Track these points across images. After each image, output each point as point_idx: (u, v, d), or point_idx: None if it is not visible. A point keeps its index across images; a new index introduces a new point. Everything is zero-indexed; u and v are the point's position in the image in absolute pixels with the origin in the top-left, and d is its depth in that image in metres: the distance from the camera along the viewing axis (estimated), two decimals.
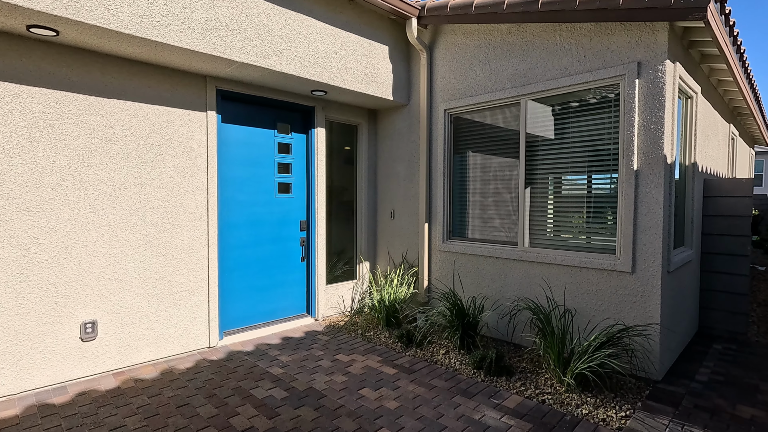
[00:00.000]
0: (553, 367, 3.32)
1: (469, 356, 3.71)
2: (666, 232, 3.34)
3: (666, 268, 3.37)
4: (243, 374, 3.54)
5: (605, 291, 3.57)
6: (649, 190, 3.33)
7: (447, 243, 4.78)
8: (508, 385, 3.33)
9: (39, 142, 3.14)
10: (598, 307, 3.61)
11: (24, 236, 3.10)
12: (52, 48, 3.17)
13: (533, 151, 4.03)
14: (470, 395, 3.17)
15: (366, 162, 5.52)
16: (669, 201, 3.38)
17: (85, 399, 3.08)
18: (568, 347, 3.45)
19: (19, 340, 3.10)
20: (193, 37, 3.31)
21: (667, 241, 3.38)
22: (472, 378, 3.46)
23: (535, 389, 3.24)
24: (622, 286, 3.48)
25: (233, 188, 4.34)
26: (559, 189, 3.90)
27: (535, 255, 3.97)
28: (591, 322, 3.66)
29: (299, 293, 4.97)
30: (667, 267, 3.40)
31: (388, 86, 4.88)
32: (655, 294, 3.32)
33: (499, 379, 3.42)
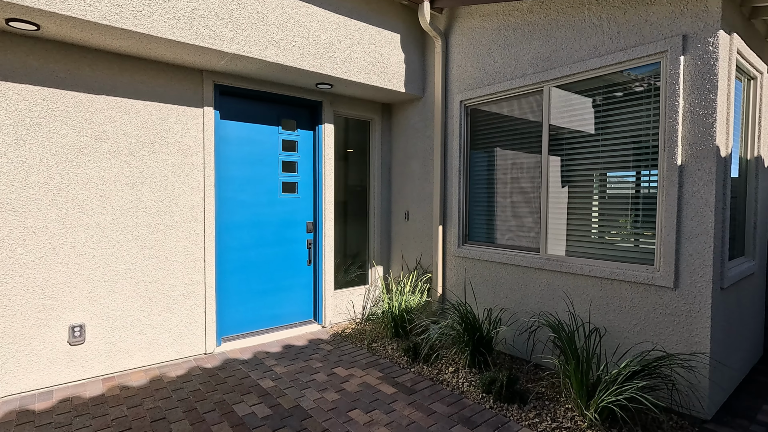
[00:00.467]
0: (575, 397, 2.83)
1: (479, 377, 3.28)
2: (719, 239, 2.76)
3: (718, 283, 2.79)
4: (232, 386, 3.32)
5: (641, 309, 3.02)
6: (697, 189, 2.76)
7: (462, 248, 4.35)
8: (520, 414, 2.88)
9: (25, 141, 3.06)
10: (632, 328, 3.07)
11: (9, 237, 3.03)
12: (38, 44, 3.09)
13: (558, 146, 3.53)
14: (473, 425, 2.75)
15: (379, 160, 5.18)
16: (723, 202, 2.79)
17: (65, 407, 2.96)
18: (594, 374, 2.95)
19: (5, 343, 3.04)
20: (178, 27, 3.12)
21: (720, 250, 2.80)
22: (480, 403, 3.04)
23: (552, 422, 2.77)
24: (661, 304, 2.92)
25: (234, 188, 4.14)
26: (589, 188, 3.37)
27: (559, 263, 3.47)
28: (623, 344, 3.12)
29: (305, 298, 4.72)
30: (720, 282, 2.81)
31: (399, 77, 4.52)
32: (703, 315, 2.74)
33: (510, 407, 2.97)
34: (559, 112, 3.52)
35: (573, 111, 3.43)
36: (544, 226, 3.63)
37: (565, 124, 3.48)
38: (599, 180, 3.31)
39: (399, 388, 3.29)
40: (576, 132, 3.41)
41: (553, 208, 3.58)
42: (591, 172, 3.34)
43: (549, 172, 3.60)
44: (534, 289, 3.69)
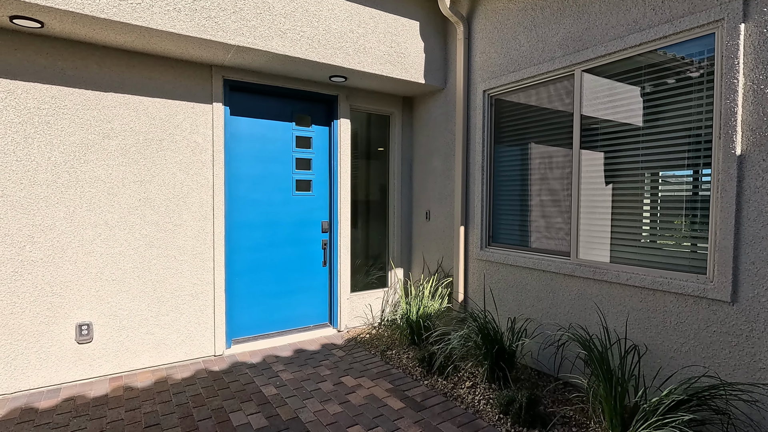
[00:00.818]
0: (607, 426, 2.44)
1: (497, 395, 2.94)
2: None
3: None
4: (233, 391, 3.18)
5: (689, 325, 2.57)
6: (762, 184, 2.29)
7: (485, 250, 4.00)
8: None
9: (34, 139, 3.07)
10: (678, 348, 2.62)
11: (18, 234, 3.05)
12: (46, 42, 3.09)
13: (591, 138, 3.12)
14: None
15: (399, 156, 4.92)
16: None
17: (68, 406, 2.93)
18: (631, 399, 2.53)
19: (14, 340, 3.06)
20: (179, 19, 3.02)
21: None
22: (495, 426, 2.70)
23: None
24: (715, 321, 2.46)
25: (245, 186, 4.03)
26: (626, 185, 2.94)
27: (592, 270, 3.05)
28: (666, 366, 2.67)
29: (320, 301, 4.54)
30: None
31: (418, 68, 4.23)
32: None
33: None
34: (591, 100, 3.10)
35: (607, 98, 3.01)
36: (575, 228, 3.22)
37: (599, 114, 3.06)
38: (638, 176, 2.87)
39: (408, 403, 3.01)
40: (611, 123, 2.99)
41: (586, 208, 3.16)
42: (628, 167, 2.91)
43: (581, 168, 3.19)
44: (563, 298, 3.29)
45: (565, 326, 3.27)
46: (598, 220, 3.10)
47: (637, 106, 2.85)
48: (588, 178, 3.15)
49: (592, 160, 3.12)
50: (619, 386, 2.45)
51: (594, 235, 3.12)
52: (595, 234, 3.12)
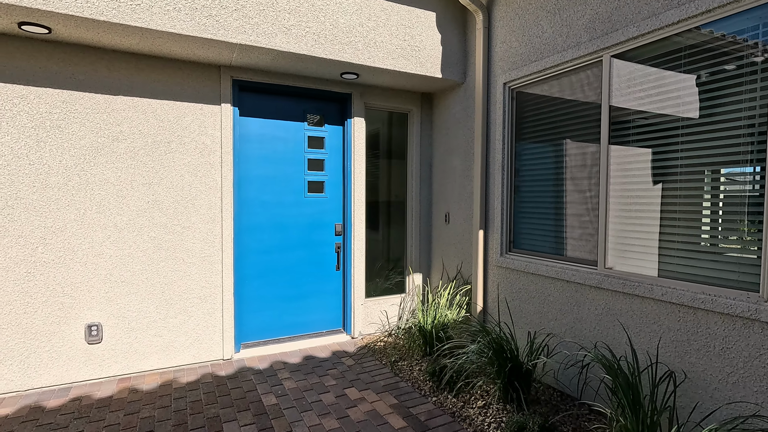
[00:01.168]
0: None
1: (509, 418, 2.65)
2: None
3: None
4: (234, 399, 3.10)
5: (738, 352, 2.16)
6: None
7: (506, 257, 3.68)
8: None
9: (46, 143, 3.14)
10: (724, 378, 2.21)
11: (31, 236, 3.13)
12: (58, 48, 3.15)
13: (622, 133, 2.74)
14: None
15: (418, 156, 4.68)
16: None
17: (73, 406, 2.97)
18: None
19: (27, 339, 3.14)
20: (179, 19, 2.97)
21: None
22: None
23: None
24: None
25: (255, 187, 3.96)
26: (664, 186, 2.55)
27: (621, 282, 2.68)
28: (708, 399, 2.27)
29: (333, 306, 4.39)
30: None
31: (435, 62, 3.98)
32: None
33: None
34: (622, 89, 2.73)
35: (642, 86, 2.63)
36: (603, 234, 2.85)
37: (631, 105, 2.68)
38: (679, 175, 2.47)
39: (410, 422, 2.79)
40: (646, 114, 2.60)
41: (616, 211, 2.79)
42: (668, 164, 2.51)
43: (610, 166, 2.82)
44: (589, 313, 2.93)
45: (590, 344, 2.91)
46: (629, 224, 2.72)
47: (682, 93, 2.46)
48: (618, 176, 2.78)
49: (624, 157, 2.75)
50: (651, 418, 2.11)
51: (624, 242, 2.75)
52: (625, 241, 2.74)
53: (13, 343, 3.10)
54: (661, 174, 2.54)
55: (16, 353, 3.11)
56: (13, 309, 3.09)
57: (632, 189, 2.70)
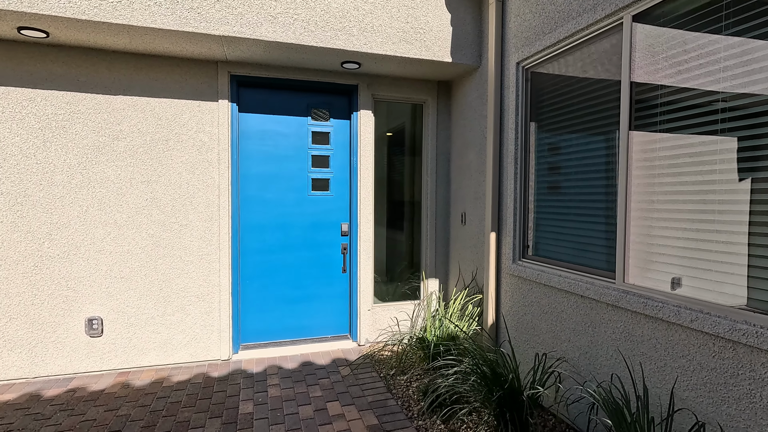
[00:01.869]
0: None
1: None
2: None
3: None
4: (212, 403, 2.99)
5: None
6: None
7: (519, 264, 3.18)
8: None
9: (51, 143, 3.29)
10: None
11: (39, 231, 3.29)
12: (63, 51, 3.28)
13: (648, 114, 2.17)
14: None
15: (434, 150, 4.29)
16: None
17: (66, 398, 3.05)
18: None
19: (35, 329, 3.31)
20: (159, 14, 2.93)
21: None
22: None
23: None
24: None
25: (256, 185, 3.87)
26: (708, 179, 1.96)
27: (642, 301, 2.12)
28: None
29: (339, 310, 4.16)
30: None
31: (443, 44, 3.58)
32: None
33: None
34: (648, 59, 2.16)
35: (669, 54, 2.04)
36: (622, 239, 2.29)
37: (659, 79, 2.11)
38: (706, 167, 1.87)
39: None
40: (676, 90, 2.02)
41: (639, 211, 2.22)
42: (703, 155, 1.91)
43: (632, 156, 2.25)
44: (605, 336, 2.37)
45: (605, 374, 2.36)
46: (657, 228, 2.14)
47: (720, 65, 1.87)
48: (644, 169, 2.20)
49: (651, 145, 2.17)
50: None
51: (649, 251, 2.17)
52: (651, 249, 2.16)
53: (22, 332, 3.28)
54: (698, 167, 1.95)
55: (24, 342, 3.29)
56: (22, 300, 3.27)
57: (660, 183, 2.12)
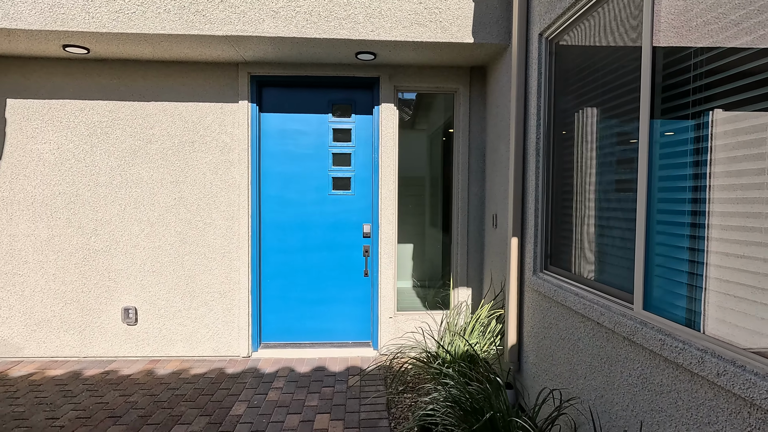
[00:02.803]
0: None
1: None
2: None
3: None
4: (210, 400, 3.03)
5: None
6: None
7: (539, 276, 2.65)
8: None
9: (97, 147, 3.66)
10: None
11: (87, 227, 3.68)
12: (106, 65, 3.63)
13: (674, 91, 1.58)
14: None
15: (466, 144, 3.84)
16: None
17: (98, 378, 3.36)
18: None
19: (84, 314, 3.71)
20: (168, 20, 3.04)
21: None
22: None
23: None
24: None
25: (277, 185, 3.86)
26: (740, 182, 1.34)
27: (660, 339, 1.54)
28: None
29: (361, 316, 3.96)
30: None
31: (463, 23, 3.16)
32: None
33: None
34: (675, 16, 1.56)
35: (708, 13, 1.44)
36: (641, 253, 1.71)
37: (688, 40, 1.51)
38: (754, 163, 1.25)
39: None
40: (710, 51, 1.42)
41: (666, 215, 1.63)
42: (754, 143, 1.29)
43: (654, 151, 1.66)
44: (621, 378, 1.80)
45: (620, 427, 1.78)
46: (686, 237, 1.54)
47: None
48: (666, 165, 1.61)
49: (678, 129, 1.58)
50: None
51: (676, 269, 1.58)
52: (677, 266, 1.57)
53: (74, 316, 3.70)
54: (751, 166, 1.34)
55: (75, 325, 3.71)
56: (74, 288, 3.69)
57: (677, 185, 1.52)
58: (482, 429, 1.91)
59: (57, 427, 2.66)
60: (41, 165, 3.62)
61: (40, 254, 3.66)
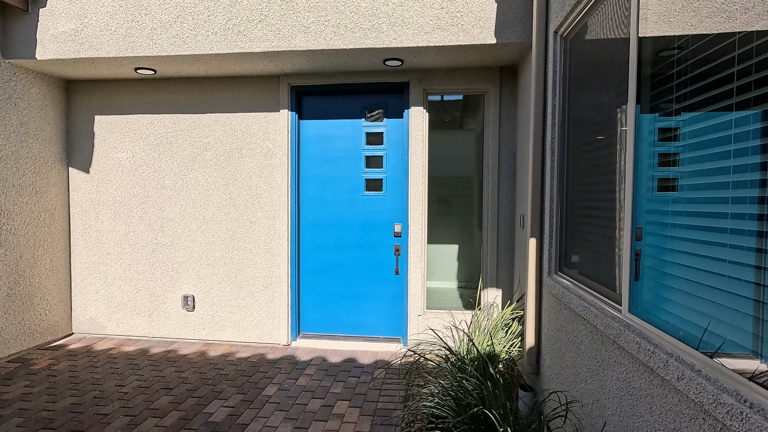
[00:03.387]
0: None
1: None
2: None
3: None
4: (248, 381, 3.36)
5: None
6: None
7: (553, 278, 2.60)
8: None
9: (163, 155, 4.20)
10: None
11: (155, 224, 4.25)
12: (171, 82, 4.16)
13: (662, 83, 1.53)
14: None
15: (496, 144, 3.82)
16: None
17: (160, 356, 3.87)
18: None
19: (152, 299, 4.28)
20: (215, 41, 3.44)
21: None
22: None
23: None
24: None
25: (314, 187, 4.14)
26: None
27: (637, 342, 1.50)
28: None
29: (392, 312, 4.10)
30: None
31: (485, 24, 3.18)
32: None
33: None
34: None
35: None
36: (627, 250, 1.66)
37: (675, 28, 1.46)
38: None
39: None
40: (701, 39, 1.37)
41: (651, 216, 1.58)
42: None
43: (641, 143, 1.62)
44: (611, 382, 1.76)
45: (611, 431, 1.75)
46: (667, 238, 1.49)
47: None
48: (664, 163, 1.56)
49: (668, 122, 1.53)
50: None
51: (660, 269, 1.53)
52: (663, 267, 1.52)
53: (145, 301, 4.29)
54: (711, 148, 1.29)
55: (146, 309, 4.29)
56: (145, 277, 4.28)
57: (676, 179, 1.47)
58: (471, 422, 1.96)
59: (122, 392, 3.14)
60: (120, 171, 4.25)
61: (119, 247, 4.29)
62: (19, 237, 3.80)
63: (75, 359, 3.77)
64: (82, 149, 4.28)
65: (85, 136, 4.27)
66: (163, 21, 3.46)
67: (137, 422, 2.74)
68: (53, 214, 4.15)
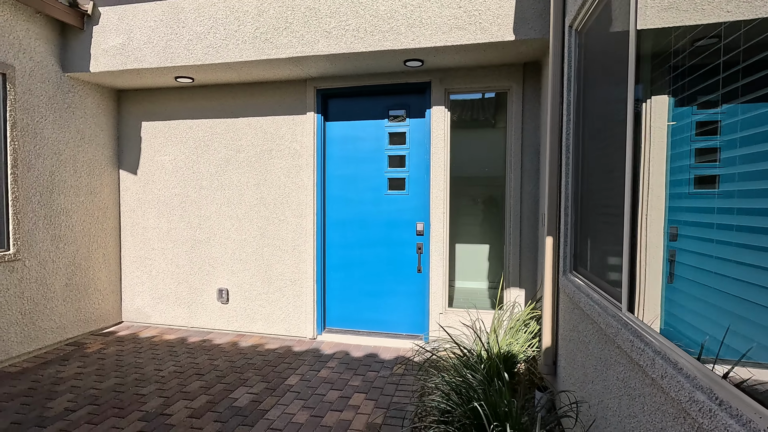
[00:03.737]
0: None
1: None
2: None
3: None
4: (273, 370, 3.54)
5: None
6: None
7: (568, 277, 2.55)
8: None
9: (200, 157, 4.50)
10: None
11: (193, 222, 4.55)
12: (208, 89, 4.45)
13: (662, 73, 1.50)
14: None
15: (518, 142, 3.77)
16: None
17: (197, 344, 4.15)
18: None
19: (191, 292, 4.59)
20: (245, 49, 3.65)
21: None
22: None
23: None
24: None
25: (339, 186, 4.27)
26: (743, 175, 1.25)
27: (630, 340, 1.48)
28: None
29: (414, 309, 4.15)
30: None
31: (503, 21, 3.16)
32: None
33: None
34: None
35: None
36: (627, 245, 1.63)
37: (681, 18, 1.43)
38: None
39: None
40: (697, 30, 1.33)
41: (656, 209, 1.54)
42: None
43: (650, 130, 1.58)
44: (612, 382, 1.73)
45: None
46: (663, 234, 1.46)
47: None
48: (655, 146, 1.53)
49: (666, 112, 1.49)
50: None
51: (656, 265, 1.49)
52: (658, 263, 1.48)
53: (185, 293, 4.61)
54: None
55: (185, 300, 4.61)
56: (184, 270, 4.59)
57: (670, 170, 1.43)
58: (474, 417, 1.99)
59: (159, 376, 3.41)
60: (163, 172, 4.59)
61: (162, 242, 4.63)
62: (76, 233, 4.21)
63: (122, 345, 4.12)
64: (131, 153, 4.67)
65: (133, 141, 4.66)
66: (198, 32, 3.72)
67: (169, 403, 2.98)
68: (106, 212, 4.56)
